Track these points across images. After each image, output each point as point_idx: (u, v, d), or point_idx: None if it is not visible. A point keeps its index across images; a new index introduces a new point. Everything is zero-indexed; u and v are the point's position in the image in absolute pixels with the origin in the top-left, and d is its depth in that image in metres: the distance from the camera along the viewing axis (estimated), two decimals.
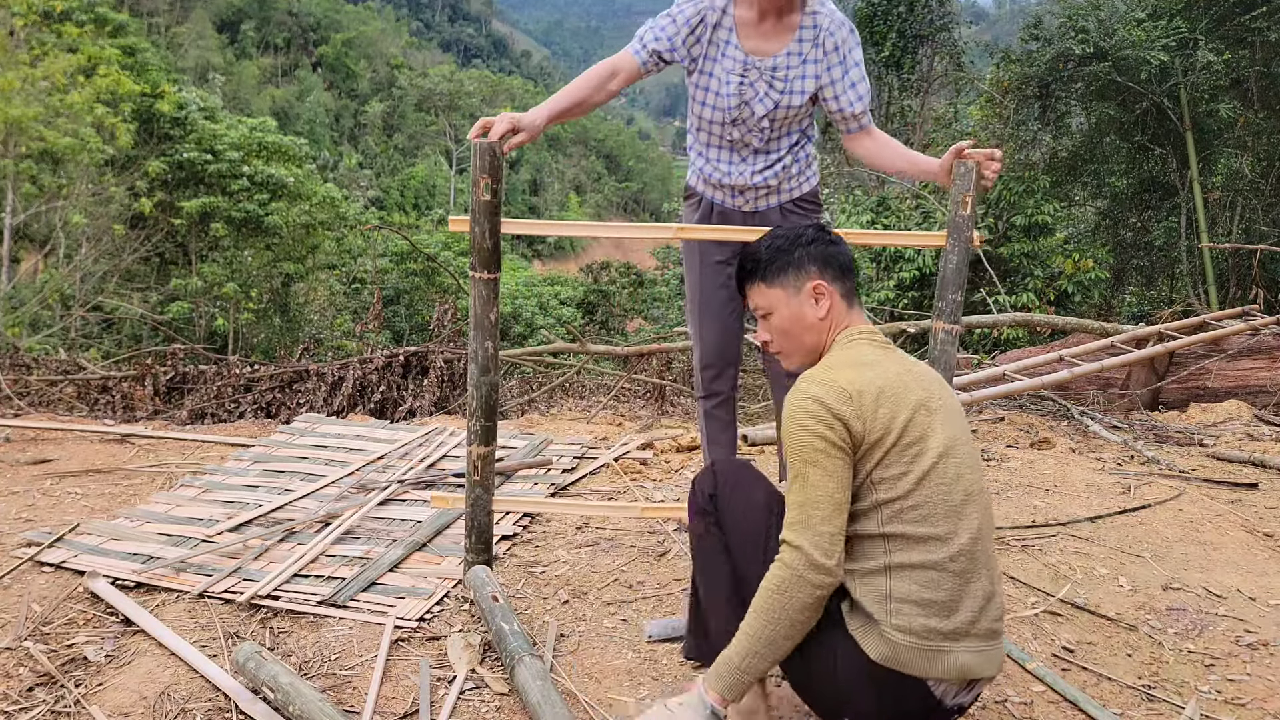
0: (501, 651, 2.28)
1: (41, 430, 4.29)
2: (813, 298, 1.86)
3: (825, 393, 1.69)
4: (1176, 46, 10.33)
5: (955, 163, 2.36)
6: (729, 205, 2.77)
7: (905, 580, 1.65)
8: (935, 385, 1.78)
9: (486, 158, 2.37)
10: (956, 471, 1.69)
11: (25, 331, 14.23)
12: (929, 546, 1.65)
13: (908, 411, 1.68)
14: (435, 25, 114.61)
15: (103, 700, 2.18)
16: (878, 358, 1.78)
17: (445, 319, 6.59)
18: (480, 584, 2.54)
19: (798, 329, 1.88)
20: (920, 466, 1.66)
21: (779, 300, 1.89)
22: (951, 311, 2.41)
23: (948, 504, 1.67)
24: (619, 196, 77.29)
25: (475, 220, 2.41)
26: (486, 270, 2.45)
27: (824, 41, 2.56)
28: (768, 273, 1.89)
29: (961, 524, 1.68)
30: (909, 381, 1.73)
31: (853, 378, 1.70)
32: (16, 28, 14.91)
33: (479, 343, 2.49)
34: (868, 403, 1.67)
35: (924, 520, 1.66)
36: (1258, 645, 2.47)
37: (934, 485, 1.66)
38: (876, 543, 1.68)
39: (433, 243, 24.44)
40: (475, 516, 2.61)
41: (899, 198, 13.15)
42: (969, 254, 2.37)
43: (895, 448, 1.66)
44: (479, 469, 2.57)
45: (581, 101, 2.66)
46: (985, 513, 1.73)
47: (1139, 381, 6.05)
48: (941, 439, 1.69)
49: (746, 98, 2.59)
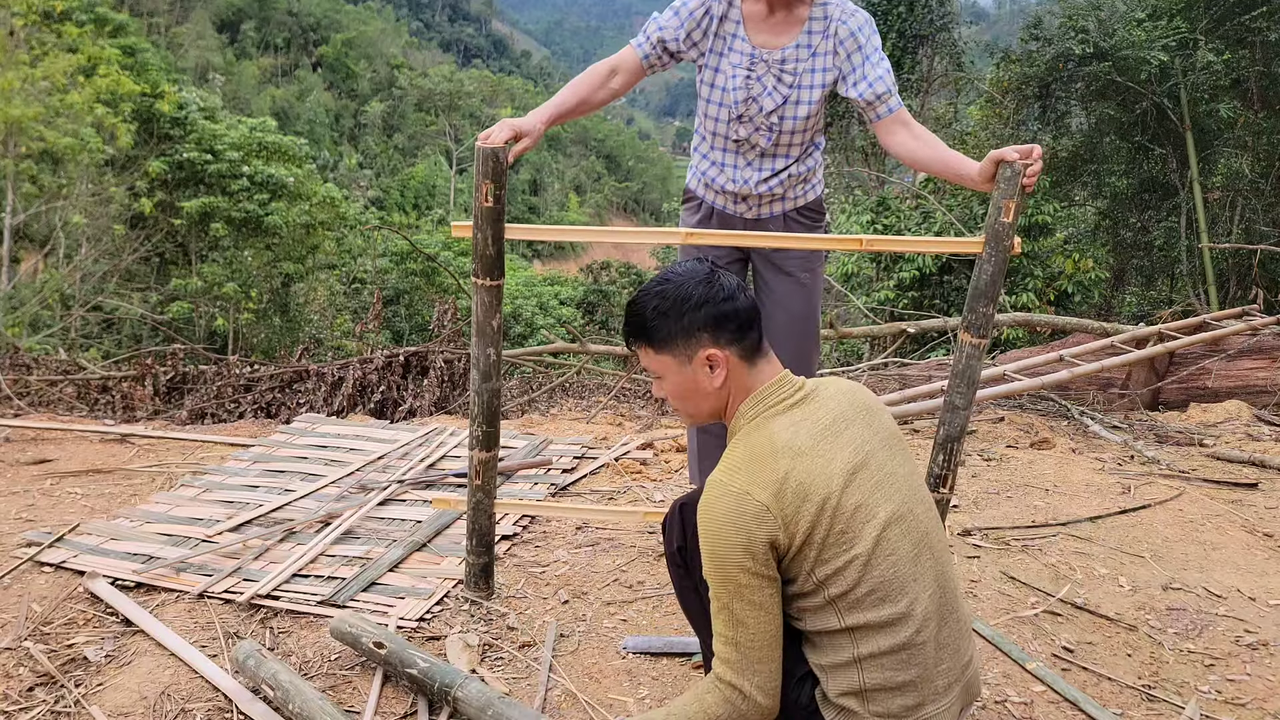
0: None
1: (41, 430, 4.29)
2: (706, 365, 1.67)
3: (739, 511, 1.53)
4: (1176, 46, 10.33)
5: (1001, 166, 2.17)
6: (730, 211, 2.69)
7: (878, 670, 1.57)
8: (859, 426, 1.64)
9: (490, 163, 2.30)
10: (902, 530, 1.58)
11: (25, 331, 14.23)
12: (895, 629, 1.56)
13: (837, 494, 1.54)
14: (435, 25, 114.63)
15: (103, 700, 2.18)
16: (791, 431, 1.60)
17: (445, 319, 6.59)
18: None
19: (694, 397, 1.72)
20: (862, 548, 1.54)
21: (669, 368, 1.71)
22: (981, 325, 2.24)
23: (899, 574, 1.56)
24: (619, 196, 77.30)
25: (478, 226, 2.33)
26: (489, 277, 2.38)
27: (835, 31, 2.48)
28: (654, 339, 1.70)
29: (919, 585, 1.58)
30: (832, 448, 1.58)
31: (766, 478, 1.54)
32: (16, 28, 14.91)
33: (481, 349, 2.45)
34: (788, 505, 1.53)
35: (883, 602, 1.55)
36: (1258, 645, 2.47)
37: (883, 561, 1.55)
38: (840, 637, 1.59)
39: (432, 243, 24.49)
40: (477, 520, 2.60)
41: (899, 198, 13.15)
42: (1006, 264, 2.23)
43: (829, 542, 1.54)
44: (480, 474, 2.54)
45: (582, 101, 2.58)
46: (939, 553, 1.65)
47: (1139, 381, 6.05)
48: (880, 505, 1.57)
49: (754, 93, 2.51)
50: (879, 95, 2.46)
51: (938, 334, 7.76)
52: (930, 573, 1.61)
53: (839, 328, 7.24)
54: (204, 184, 18.95)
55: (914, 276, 11.54)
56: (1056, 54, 11.04)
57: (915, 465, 1.71)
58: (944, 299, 11.62)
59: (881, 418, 1.70)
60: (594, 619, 2.59)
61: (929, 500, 1.70)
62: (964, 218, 11.25)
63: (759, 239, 2.47)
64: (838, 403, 1.67)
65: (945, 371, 6.23)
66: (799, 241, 2.48)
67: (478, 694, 2.05)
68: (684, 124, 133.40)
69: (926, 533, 1.64)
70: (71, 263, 16.38)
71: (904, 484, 1.64)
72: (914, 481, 1.68)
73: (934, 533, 1.66)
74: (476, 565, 2.67)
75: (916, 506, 1.64)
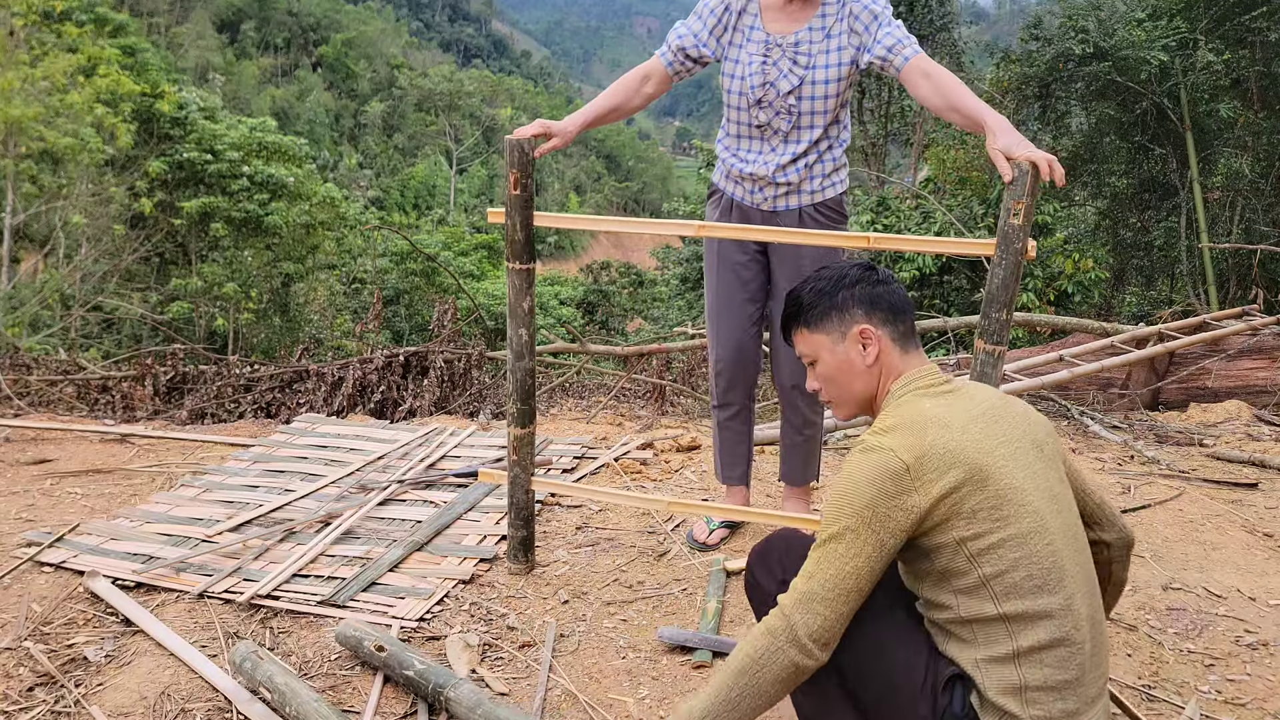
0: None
1: (41, 430, 4.29)
2: (859, 343, 1.71)
3: (881, 465, 1.51)
4: (1176, 46, 10.34)
5: (1012, 163, 2.12)
6: (749, 203, 2.76)
7: (1037, 666, 1.49)
8: (1010, 423, 1.60)
9: (516, 153, 2.45)
10: (1059, 523, 1.53)
11: (25, 331, 14.23)
12: (1054, 621, 1.49)
13: (987, 469, 1.50)
14: (435, 25, 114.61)
15: (103, 700, 2.18)
16: (945, 409, 1.58)
17: (445, 319, 6.58)
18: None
19: (845, 377, 1.73)
20: (1017, 529, 1.49)
21: (823, 347, 1.74)
22: (996, 331, 2.20)
23: (1059, 563, 1.50)
24: (619, 196, 77.26)
25: (508, 214, 2.49)
26: (519, 261, 2.53)
27: (850, 11, 2.57)
28: (809, 317, 1.75)
29: (1075, 583, 1.52)
30: (983, 432, 1.55)
31: (913, 442, 1.52)
32: (16, 28, 14.91)
33: (514, 330, 2.59)
34: (930, 470, 1.49)
35: (1040, 590, 1.49)
36: (1258, 645, 2.47)
37: (1040, 547, 1.49)
38: (997, 627, 1.51)
39: (432, 243, 24.50)
40: (514, 494, 2.74)
41: (899, 197, 13.16)
42: (1020, 267, 2.15)
43: (979, 514, 1.49)
44: (517, 449, 2.69)
45: (617, 107, 2.73)
46: (1087, 561, 1.59)
47: (1139, 381, 6.04)
48: (1033, 493, 1.52)
49: (770, 77, 2.61)
50: (889, 48, 2.51)
51: (938, 334, 7.76)
52: (1084, 573, 1.56)
53: None
54: (204, 184, 18.94)
55: (914, 276, 11.54)
56: (1056, 54, 11.04)
57: (1064, 474, 1.65)
58: (944, 299, 11.63)
59: (1031, 424, 1.64)
60: (594, 619, 2.59)
61: (1073, 502, 1.64)
62: (964, 218, 11.25)
63: (773, 234, 2.51)
64: (989, 400, 1.64)
65: (945, 371, 6.22)
66: (810, 237, 2.52)
67: (468, 694, 2.07)
68: (684, 124, 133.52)
69: (1077, 533, 1.59)
70: (71, 263, 16.37)
71: (1055, 485, 1.59)
72: (1064, 487, 1.62)
73: (1081, 534, 1.60)
74: (516, 538, 2.82)
75: (1065, 508, 1.58)
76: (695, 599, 2.70)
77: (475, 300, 9.75)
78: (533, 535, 2.86)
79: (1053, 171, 2.10)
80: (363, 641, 2.30)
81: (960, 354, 7.36)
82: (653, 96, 2.76)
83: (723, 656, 2.37)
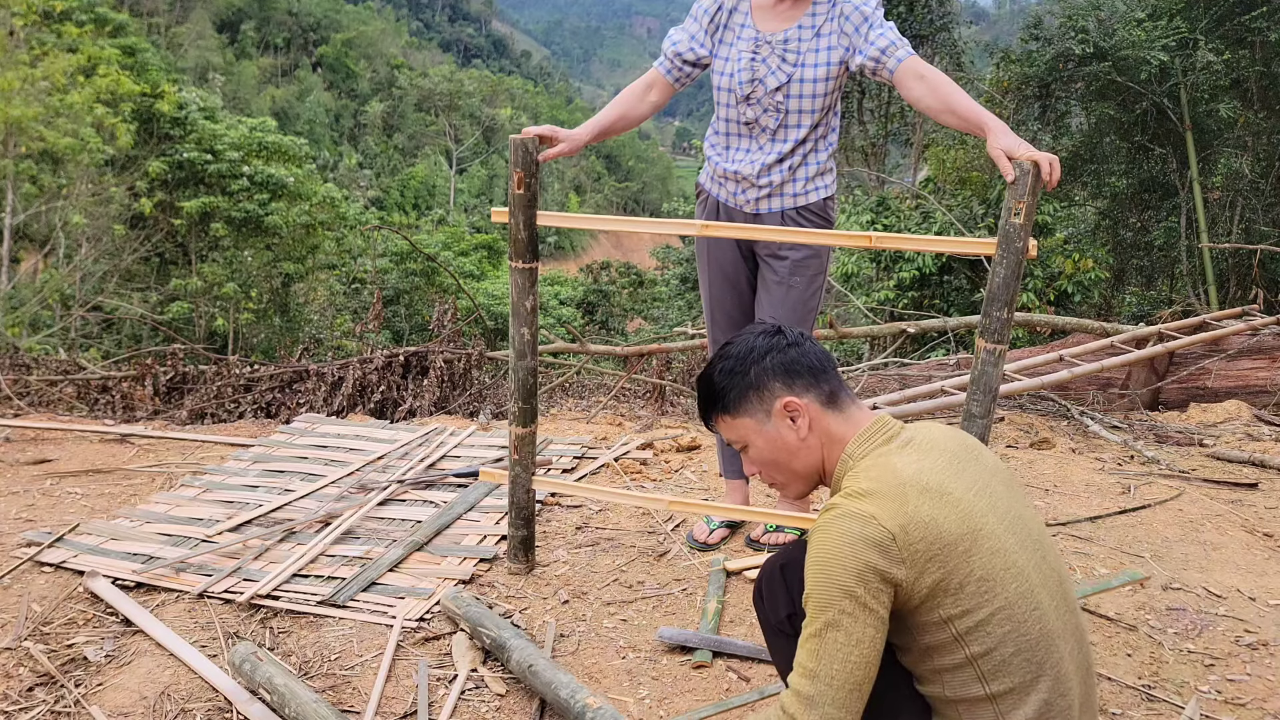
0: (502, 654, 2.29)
1: (41, 430, 4.29)
2: (786, 418, 1.59)
3: (861, 534, 1.40)
4: (1176, 46, 10.33)
5: (1014, 163, 2.11)
6: (733, 204, 2.77)
7: None
8: (974, 466, 1.53)
9: (519, 152, 2.46)
10: (1042, 577, 1.47)
11: (25, 331, 14.23)
12: (1043, 695, 1.43)
13: (971, 539, 1.41)
14: (435, 25, 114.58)
15: (103, 700, 2.18)
16: (915, 467, 1.48)
17: (445, 319, 6.58)
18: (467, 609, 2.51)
19: (783, 456, 1.62)
20: (1004, 600, 1.41)
21: (749, 430, 1.63)
22: (998, 330, 2.19)
23: (1044, 630, 1.43)
24: (619, 196, 77.27)
25: (512, 213, 2.50)
26: (522, 260, 2.54)
27: (841, 11, 2.58)
28: (727, 403, 1.63)
29: (1064, 643, 1.46)
30: (958, 489, 1.46)
31: (895, 509, 1.41)
32: (16, 28, 14.91)
33: (516, 329, 2.60)
34: (916, 543, 1.39)
35: (1028, 664, 1.42)
36: (1258, 645, 2.47)
37: (1024, 613, 1.42)
38: (984, 707, 1.45)
39: (432, 243, 24.49)
40: (515, 494, 2.75)
41: (899, 198, 13.16)
42: (1021, 267, 2.14)
43: (967, 590, 1.40)
44: (518, 449, 2.70)
45: (622, 115, 2.76)
46: (1071, 600, 1.52)
47: (1139, 381, 6.04)
48: (1016, 550, 1.45)
49: (759, 74, 2.62)
50: (882, 50, 2.51)
51: (938, 334, 7.76)
52: (1070, 625, 1.49)
53: (839, 328, 7.23)
54: (204, 184, 18.94)
55: (914, 276, 11.55)
56: (1056, 54, 11.04)
57: (1030, 499, 1.61)
58: (944, 299, 11.63)
59: (986, 456, 1.59)
60: (594, 619, 2.59)
61: (1049, 535, 1.57)
62: (964, 217, 11.25)
63: (774, 234, 2.52)
64: (946, 443, 1.56)
65: (945, 371, 6.23)
66: (809, 236, 2.54)
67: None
68: (684, 124, 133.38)
69: (1061, 579, 1.51)
70: (71, 263, 16.37)
71: (1031, 524, 1.53)
72: (1037, 519, 1.57)
73: (1065, 576, 1.53)
74: (516, 538, 2.82)
75: (1047, 551, 1.51)
76: (695, 599, 2.70)
77: (475, 300, 9.75)
78: (533, 535, 2.86)
79: (1051, 173, 2.11)
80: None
81: (960, 354, 7.36)
82: (658, 105, 2.79)
83: (723, 657, 2.37)
